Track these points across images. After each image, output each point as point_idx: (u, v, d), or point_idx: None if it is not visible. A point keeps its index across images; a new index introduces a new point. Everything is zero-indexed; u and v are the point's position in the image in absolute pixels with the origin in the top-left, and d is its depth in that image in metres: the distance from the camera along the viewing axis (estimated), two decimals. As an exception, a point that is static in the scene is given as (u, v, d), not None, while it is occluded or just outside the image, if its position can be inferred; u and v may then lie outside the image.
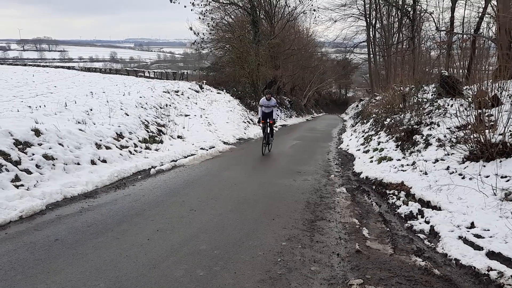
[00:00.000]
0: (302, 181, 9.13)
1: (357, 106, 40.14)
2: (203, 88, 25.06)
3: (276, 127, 24.11)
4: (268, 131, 12.98)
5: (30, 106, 14.35)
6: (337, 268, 4.50)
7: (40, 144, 8.18)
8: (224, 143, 15.00)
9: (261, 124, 13.14)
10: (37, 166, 7.54)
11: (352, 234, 5.66)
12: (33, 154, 7.72)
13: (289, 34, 36.27)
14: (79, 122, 10.84)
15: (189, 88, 22.96)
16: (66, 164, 8.11)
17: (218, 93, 25.37)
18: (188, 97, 20.97)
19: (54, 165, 7.84)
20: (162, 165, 10.00)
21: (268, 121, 12.79)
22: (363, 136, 16.13)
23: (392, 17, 33.99)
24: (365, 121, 20.60)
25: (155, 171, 9.34)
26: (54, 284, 3.90)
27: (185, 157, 11.41)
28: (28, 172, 7.23)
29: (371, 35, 36.86)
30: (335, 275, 4.32)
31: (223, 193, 7.65)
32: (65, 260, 4.45)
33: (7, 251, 4.63)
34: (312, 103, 54.40)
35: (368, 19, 36.86)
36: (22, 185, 6.81)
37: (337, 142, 18.33)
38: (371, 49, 37.46)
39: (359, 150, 13.68)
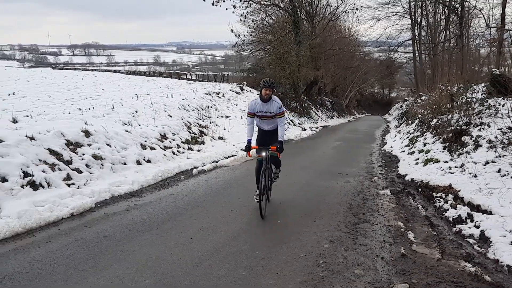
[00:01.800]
0: (344, 183, 8.99)
1: (401, 106, 39.07)
2: (244, 89, 25.24)
3: (315, 129, 23.82)
4: (268, 168, 6.51)
5: (80, 109, 14.95)
6: (381, 272, 4.39)
7: (89, 145, 8.52)
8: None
9: (252, 154, 7.06)
10: (87, 165, 7.85)
11: (397, 238, 5.51)
12: (83, 154, 8.05)
13: (331, 34, 35.85)
14: (125, 124, 11.19)
15: (230, 90, 23.20)
16: (114, 164, 8.40)
17: (258, 94, 25.45)
18: (228, 99, 21.19)
19: (102, 165, 8.13)
20: (204, 165, 10.15)
21: (268, 148, 6.37)
22: (408, 137, 15.67)
23: (439, 15, 32.92)
24: (410, 122, 20.01)
25: (197, 172, 9.49)
26: (103, 279, 4.05)
27: (226, 157, 11.53)
28: (79, 171, 7.54)
29: (416, 33, 35.83)
30: (380, 279, 4.22)
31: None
32: (113, 256, 4.61)
33: (60, 247, 4.85)
34: (354, 104, 53.54)
35: (413, 17, 35.82)
36: (73, 184, 7.11)
37: (380, 144, 17.92)
38: (416, 48, 36.40)
39: (403, 151, 13.31)
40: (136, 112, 13.19)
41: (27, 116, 12.57)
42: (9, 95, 24.13)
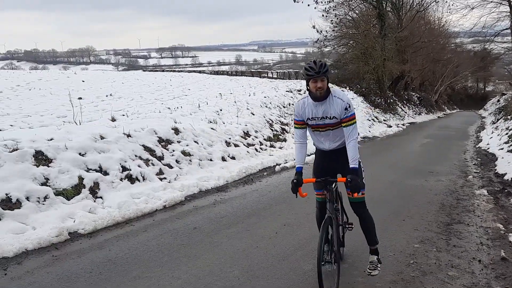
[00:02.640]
0: (435, 181, 8.51)
1: (498, 101, 36.00)
2: (326, 86, 24.92)
3: (401, 125, 22.77)
4: (337, 213, 4.03)
5: (169, 108, 15.85)
6: (479, 275, 4.10)
7: (179, 142, 8.99)
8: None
9: (316, 195, 4.14)
10: (177, 161, 8.29)
11: (496, 240, 5.11)
12: (173, 151, 8.52)
13: (419, 25, 33.98)
14: (210, 122, 11.63)
15: (312, 87, 23.03)
16: (201, 160, 8.78)
17: (341, 90, 25.02)
18: (311, 96, 21.07)
19: (191, 161, 8.54)
20: (286, 162, 10.21)
21: (333, 182, 3.88)
22: (507, 133, 14.41)
23: (543, -1, 29.72)
24: (509, 117, 18.39)
25: (279, 168, 9.58)
26: (194, 267, 4.27)
27: (308, 155, 11.45)
28: (170, 166, 8.00)
29: (516, 21, 32.70)
30: (477, 282, 3.95)
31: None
32: (203, 247, 4.83)
33: (155, 236, 5.20)
34: (444, 99, 50.39)
35: (512, 3, 32.78)
36: (164, 178, 7.57)
37: (474, 141, 16.68)
38: (516, 37, 33.23)
39: (502, 149, 12.25)
40: (221, 110, 13.64)
41: (123, 115, 13.62)
42: (107, 96, 26.27)
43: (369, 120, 20.50)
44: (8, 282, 3.92)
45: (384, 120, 22.82)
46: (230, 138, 10.66)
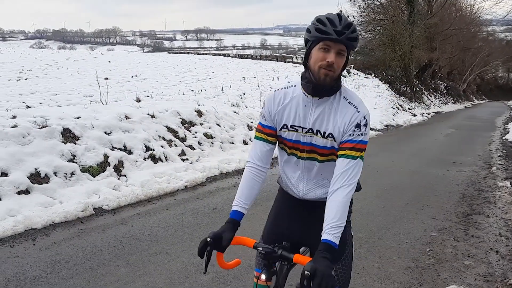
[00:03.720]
0: (457, 172, 8.41)
1: (529, 92, 34.91)
2: (351, 72, 24.64)
3: (426, 115, 22.23)
4: None
5: (193, 90, 16.01)
6: (495, 266, 4.10)
7: (201, 124, 9.11)
8: (371, 129, 14.61)
9: (254, 278, 2.05)
10: (199, 143, 8.43)
11: (515, 233, 5.07)
12: (196, 133, 8.66)
13: (449, 12, 33.07)
14: (233, 105, 11.75)
15: (336, 73, 22.81)
16: (223, 143, 8.89)
17: (366, 77, 24.69)
18: (335, 82, 20.89)
19: (212, 143, 8.67)
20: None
21: (287, 260, 1.85)
22: (535, 126, 14.04)
23: None
24: (539, 109, 17.85)
25: (301, 153, 9.61)
26: (213, 246, 4.40)
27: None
28: (192, 148, 8.14)
29: (553, 9, 31.42)
30: (493, 273, 3.95)
31: (369, 180, 7.50)
32: (222, 227, 4.95)
33: (176, 214, 5.35)
34: (472, 88, 49.15)
35: (549, -10, 31.42)
36: (187, 159, 7.71)
37: (501, 132, 16.30)
38: (551, 25, 31.99)
39: (529, 141, 11.97)
40: (244, 94, 13.73)
41: (148, 96, 13.83)
42: (132, 77, 26.62)
43: (394, 108, 20.23)
44: (36, 252, 4.13)
45: (409, 108, 22.49)
46: (252, 122, 10.73)
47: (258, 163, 2.06)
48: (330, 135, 1.89)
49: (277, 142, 2.07)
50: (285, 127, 1.98)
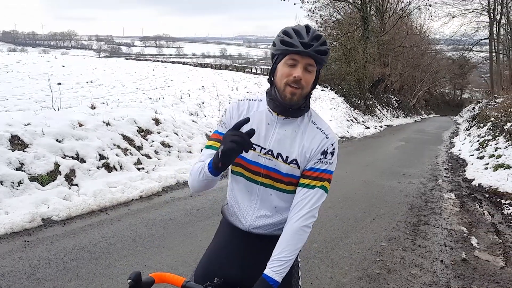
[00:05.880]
0: (407, 183, 8.78)
1: (473, 108, 36.97)
2: (308, 85, 25.12)
3: (379, 127, 23.12)
4: None
5: (150, 98, 15.79)
6: (439, 275, 4.31)
7: (158, 132, 9.00)
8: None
9: None
10: (156, 152, 8.32)
11: (458, 242, 5.34)
12: (152, 141, 8.54)
13: (401, 30, 34.64)
14: (192, 114, 11.69)
15: (294, 85, 23.20)
16: (180, 152, 8.81)
17: (322, 90, 25.28)
18: (292, 94, 21.24)
19: (170, 152, 8.58)
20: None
21: None
22: (478, 140, 14.89)
23: (522, 12, 30.62)
24: (481, 124, 18.96)
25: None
26: (168, 258, 4.34)
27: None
28: (148, 157, 8.02)
29: (495, 32, 33.59)
30: (437, 281, 4.15)
31: (323, 189, 7.69)
32: (177, 238, 4.91)
33: (130, 225, 5.24)
34: (422, 103, 51.45)
35: (491, 14, 33.61)
36: (142, 168, 7.58)
37: (447, 146, 17.17)
38: (493, 47, 34.16)
39: (472, 155, 12.68)
40: (203, 103, 13.70)
41: (103, 103, 13.50)
42: (87, 83, 25.88)
43: (348, 121, 20.82)
44: (-21, 265, 3.92)
45: (362, 121, 23.20)
46: (210, 131, 10.71)
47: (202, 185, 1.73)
48: (294, 161, 1.70)
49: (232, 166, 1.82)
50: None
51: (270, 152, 1.71)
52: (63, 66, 39.50)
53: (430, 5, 30.52)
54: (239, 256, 1.81)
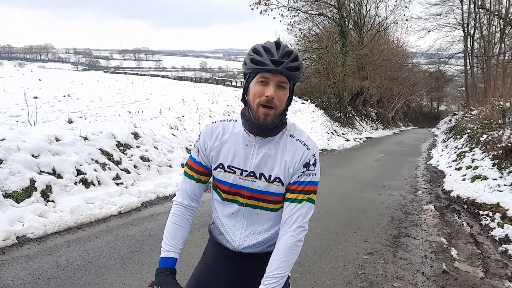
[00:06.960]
0: (387, 195, 8.86)
1: (450, 120, 37.84)
2: (288, 98, 25.32)
3: (358, 140, 23.40)
4: None
5: (129, 111, 15.60)
6: (421, 287, 4.33)
7: (138, 147, 8.88)
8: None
9: None
10: (135, 166, 8.19)
11: (439, 254, 5.39)
12: (132, 156, 8.41)
13: (378, 44, 35.40)
14: (172, 128, 11.59)
15: (275, 98, 23.36)
16: (160, 166, 8.71)
17: (302, 103, 25.50)
18: (273, 107, 21.36)
19: (149, 166, 8.46)
20: (246, 171, 10.30)
21: None
22: (455, 152, 15.17)
23: (494, 27, 31.72)
24: (458, 136, 19.36)
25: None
26: (147, 275, 4.24)
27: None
28: (127, 171, 7.89)
29: (469, 46, 34.62)
30: (419, 294, 4.16)
31: (305, 202, 7.69)
32: (158, 254, 4.75)
33: (108, 242, 5.12)
34: (400, 116, 52.36)
35: (465, 29, 34.64)
36: (121, 183, 7.45)
37: (426, 158, 17.46)
38: (468, 61, 35.16)
39: (450, 167, 12.91)
40: (183, 116, 13.62)
41: (81, 117, 13.27)
42: (64, 96, 25.46)
43: (328, 133, 21.00)
44: None
45: (342, 133, 23.45)
46: (191, 145, 10.63)
47: (185, 203, 1.88)
48: (277, 179, 1.68)
49: (206, 180, 1.87)
50: (221, 166, 1.73)
51: (252, 174, 1.69)
52: (39, 80, 38.82)
53: (407, 20, 31.28)
54: (229, 276, 1.82)
